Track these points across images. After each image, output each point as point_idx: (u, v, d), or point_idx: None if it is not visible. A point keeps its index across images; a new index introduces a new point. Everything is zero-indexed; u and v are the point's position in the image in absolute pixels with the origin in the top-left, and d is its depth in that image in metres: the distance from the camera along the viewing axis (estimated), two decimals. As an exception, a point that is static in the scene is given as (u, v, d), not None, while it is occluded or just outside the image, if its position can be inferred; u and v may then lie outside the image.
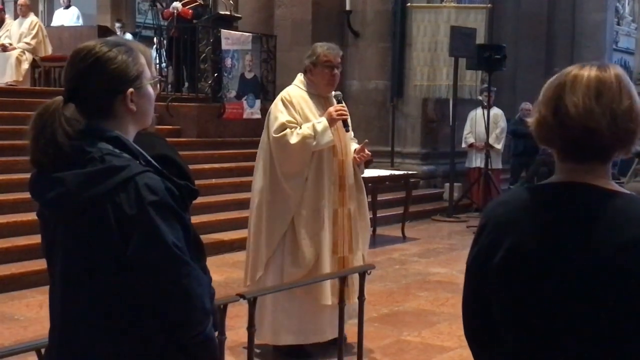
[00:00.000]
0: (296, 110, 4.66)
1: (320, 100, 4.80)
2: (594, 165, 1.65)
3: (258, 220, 4.74)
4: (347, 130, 4.78)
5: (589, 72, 1.64)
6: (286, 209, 4.65)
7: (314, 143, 4.56)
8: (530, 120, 1.71)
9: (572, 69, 1.67)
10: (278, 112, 4.65)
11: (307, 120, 4.64)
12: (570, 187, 1.65)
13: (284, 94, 4.76)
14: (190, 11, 11.78)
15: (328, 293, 4.60)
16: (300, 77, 4.83)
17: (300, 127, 4.60)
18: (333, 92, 4.84)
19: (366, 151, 4.83)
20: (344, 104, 4.76)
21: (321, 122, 4.59)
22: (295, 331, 4.74)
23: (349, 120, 4.76)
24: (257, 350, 5.01)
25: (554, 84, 1.67)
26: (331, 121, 4.61)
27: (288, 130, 4.58)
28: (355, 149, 4.85)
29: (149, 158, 1.86)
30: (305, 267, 4.63)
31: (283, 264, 4.68)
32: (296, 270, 4.64)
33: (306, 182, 4.64)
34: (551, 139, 1.67)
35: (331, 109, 4.67)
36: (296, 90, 4.77)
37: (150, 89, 1.92)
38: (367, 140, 5.00)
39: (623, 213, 1.58)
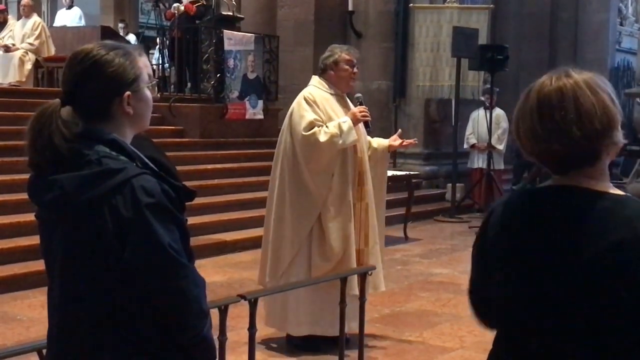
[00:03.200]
0: (320, 109, 4.80)
1: (340, 99, 4.96)
2: (583, 170, 1.67)
3: (280, 218, 4.84)
4: (369, 131, 4.99)
5: (535, 92, 1.69)
6: (312, 206, 4.78)
7: (340, 142, 4.73)
8: None
9: (528, 89, 1.73)
10: (303, 111, 4.77)
11: (330, 118, 4.80)
12: (562, 190, 1.68)
13: (305, 93, 4.87)
14: (194, 7, 11.77)
15: (355, 283, 4.63)
16: (317, 79, 4.96)
17: (326, 126, 4.74)
18: (355, 94, 5.05)
19: (398, 141, 5.13)
20: (365, 107, 4.94)
21: (346, 122, 4.76)
22: (317, 323, 4.86)
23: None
24: (273, 345, 5.04)
25: (516, 108, 1.74)
26: (355, 122, 4.80)
27: (317, 128, 4.72)
28: (392, 140, 5.15)
29: (146, 160, 1.87)
30: (333, 261, 4.77)
31: (311, 258, 4.80)
32: (325, 263, 4.77)
33: (332, 178, 4.78)
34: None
35: (355, 110, 4.86)
36: (316, 91, 4.90)
37: (147, 92, 1.93)
38: (400, 131, 5.39)
39: (610, 214, 1.60)
